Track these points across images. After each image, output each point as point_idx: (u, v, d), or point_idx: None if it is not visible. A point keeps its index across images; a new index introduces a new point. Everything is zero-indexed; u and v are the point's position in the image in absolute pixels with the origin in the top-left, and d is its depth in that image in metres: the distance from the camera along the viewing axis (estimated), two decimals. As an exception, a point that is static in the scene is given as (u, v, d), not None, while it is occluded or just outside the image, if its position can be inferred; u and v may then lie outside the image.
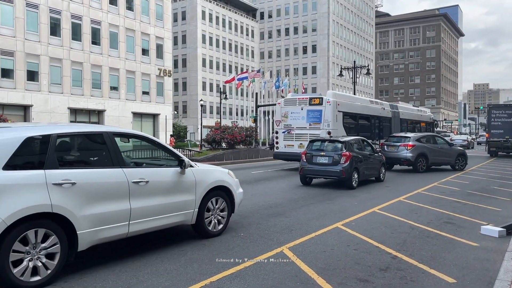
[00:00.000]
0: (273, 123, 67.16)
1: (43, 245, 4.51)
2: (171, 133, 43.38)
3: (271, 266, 5.25)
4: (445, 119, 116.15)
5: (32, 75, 36.69)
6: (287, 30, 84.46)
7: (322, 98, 18.71)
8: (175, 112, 64.91)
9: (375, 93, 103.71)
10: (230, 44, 77.66)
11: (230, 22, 77.74)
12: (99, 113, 42.54)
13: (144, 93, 47.00)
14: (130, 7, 45.19)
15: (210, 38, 73.05)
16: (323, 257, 5.67)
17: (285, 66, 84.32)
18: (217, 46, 74.58)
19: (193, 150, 26.61)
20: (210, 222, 6.68)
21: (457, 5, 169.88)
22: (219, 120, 59.34)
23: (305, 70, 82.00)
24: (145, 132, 39.07)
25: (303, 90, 66.38)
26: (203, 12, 71.81)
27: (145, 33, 46.79)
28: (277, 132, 19.86)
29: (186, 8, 71.48)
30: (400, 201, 10.41)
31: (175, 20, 69.82)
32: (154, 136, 47.91)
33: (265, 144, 48.17)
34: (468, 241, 6.56)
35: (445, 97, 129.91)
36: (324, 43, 79.71)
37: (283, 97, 42.33)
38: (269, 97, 69.04)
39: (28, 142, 4.67)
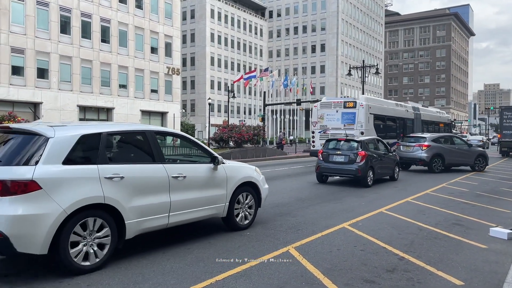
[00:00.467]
0: (280, 122, 67.12)
1: (97, 234, 4.99)
2: None
3: (277, 266, 5.23)
4: (455, 119, 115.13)
5: (42, 73, 37.01)
6: (296, 28, 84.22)
7: (356, 101, 20.78)
8: (183, 111, 65.07)
9: (384, 92, 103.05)
10: (238, 43, 77.67)
11: (238, 21, 77.73)
12: (108, 110, 42.79)
13: (153, 91, 47.18)
14: (139, 6, 45.36)
15: (219, 37, 73.11)
16: (329, 257, 5.64)
17: (294, 65, 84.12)
18: (226, 44, 74.62)
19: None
20: (239, 215, 7.09)
21: (468, 5, 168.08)
22: (227, 118, 59.40)
23: (313, 69, 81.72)
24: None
25: (311, 90, 66.24)
26: (212, 11, 71.88)
27: (154, 32, 46.95)
28: (313, 132, 21.97)
29: (195, 6, 71.60)
30: (408, 202, 10.33)
31: (184, 18, 69.97)
32: (162, 134, 48.13)
33: (273, 143, 48.11)
34: (477, 243, 6.49)
35: (455, 97, 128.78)
36: (333, 42, 79.36)
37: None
38: (277, 96, 68.99)
39: (83, 139, 5.11)
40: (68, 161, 4.86)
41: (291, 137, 46.52)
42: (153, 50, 47.07)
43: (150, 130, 5.97)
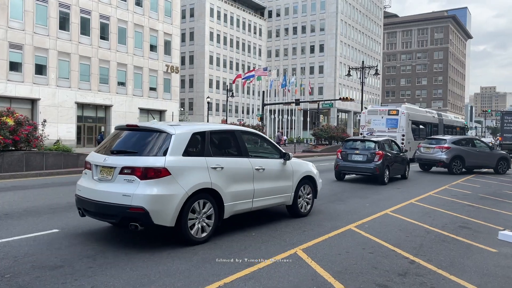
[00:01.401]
0: (279, 121, 67.04)
1: (205, 213, 6.14)
2: None
3: (286, 268, 5.10)
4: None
5: (40, 69, 36.76)
6: (295, 29, 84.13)
7: (398, 110, 25.13)
8: (182, 109, 64.86)
9: (381, 94, 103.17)
10: (237, 42, 77.50)
11: (238, 20, 77.55)
12: (106, 108, 42.57)
13: (151, 89, 46.99)
14: (139, 3, 45.15)
15: (218, 36, 72.91)
16: (339, 260, 5.51)
17: (292, 65, 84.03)
18: (225, 43, 74.43)
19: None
20: (301, 204, 8.23)
21: (466, 7, 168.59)
22: (225, 118, 59.23)
23: (312, 70, 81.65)
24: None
25: (310, 90, 66.18)
26: (211, 10, 71.67)
27: (153, 29, 46.75)
28: (361, 134, 25.76)
29: (195, 5, 71.36)
30: (412, 204, 10.23)
31: (183, 17, 69.73)
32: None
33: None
34: (486, 247, 6.38)
35: (451, 100, 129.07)
36: (331, 43, 79.31)
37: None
38: (275, 96, 68.90)
39: (194, 136, 6.23)
40: (185, 153, 5.98)
41: (285, 138, 46.08)
42: (152, 48, 46.88)
43: (238, 130, 7.17)
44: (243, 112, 76.68)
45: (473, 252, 6.10)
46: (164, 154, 5.74)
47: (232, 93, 54.34)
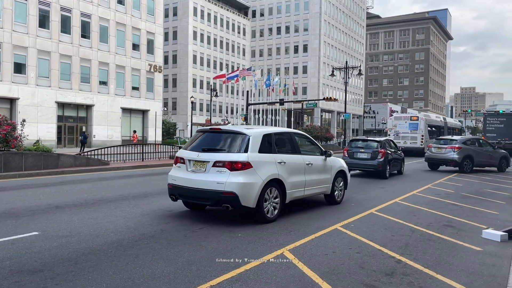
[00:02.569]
0: (263, 121, 67.03)
1: (274, 199, 7.71)
2: (134, 130, 41.82)
3: (273, 270, 5.03)
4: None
5: (19, 68, 35.94)
6: (278, 29, 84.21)
7: (418, 116, 33.34)
8: (165, 109, 64.26)
9: (364, 94, 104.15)
10: (221, 42, 77.22)
11: (221, 20, 77.28)
12: (88, 107, 41.89)
13: (134, 88, 46.42)
14: (121, 1, 44.56)
15: (201, 35, 72.51)
16: (326, 260, 5.47)
17: (276, 65, 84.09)
18: (208, 43, 74.07)
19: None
20: (337, 194, 9.88)
21: (446, 9, 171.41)
22: (209, 117, 58.92)
23: (296, 70, 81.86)
24: (134, 128, 38.34)
25: (294, 90, 66.36)
26: (195, 9, 71.24)
27: (136, 28, 46.20)
28: (389, 135, 33.12)
29: (178, 4, 70.83)
30: (397, 203, 10.29)
31: (166, 15, 69.12)
32: (143, 132, 47.37)
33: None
34: (471, 245, 6.43)
35: (433, 100, 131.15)
36: (315, 43, 79.65)
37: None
38: (259, 96, 68.86)
39: (264, 137, 7.80)
40: (259, 150, 7.52)
41: None
42: (135, 46, 46.32)
43: (292, 132, 9.03)
44: (227, 112, 76.44)
45: (458, 251, 6.13)
46: (245, 151, 7.32)
47: (216, 93, 54.08)
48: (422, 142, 31.58)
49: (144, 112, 47.79)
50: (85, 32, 41.09)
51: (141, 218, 7.79)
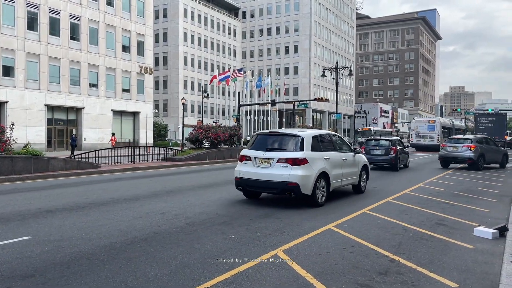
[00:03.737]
0: (254, 122, 67.02)
1: (321, 185, 9.49)
2: (113, 132, 39.59)
3: (267, 271, 5.02)
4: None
5: (7, 71, 35.54)
6: (269, 30, 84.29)
7: (435, 120, 42.86)
8: (156, 111, 63.97)
9: (355, 94, 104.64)
10: (212, 43, 77.09)
11: (212, 21, 77.16)
12: (78, 110, 41.54)
13: (124, 90, 46.13)
14: (110, 3, 44.27)
15: (192, 36, 72.33)
16: (320, 260, 5.47)
17: (267, 66, 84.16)
18: (199, 44, 73.92)
19: (175, 149, 26.12)
20: (363, 185, 11.91)
21: (435, 9, 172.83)
22: (200, 119, 58.77)
23: (287, 70, 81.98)
24: (125, 130, 38.11)
25: (285, 91, 66.42)
26: (185, 10, 71.06)
27: (125, 30, 45.93)
28: (410, 135, 41.57)
29: (168, 5, 70.59)
30: (389, 202, 10.33)
31: (156, 17, 68.85)
32: (134, 134, 47.11)
33: (247, 143, 47.79)
34: (463, 243, 6.47)
35: (422, 99, 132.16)
36: (306, 44, 79.86)
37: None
38: (251, 97, 68.81)
39: (313, 138, 9.66)
40: (311, 149, 9.34)
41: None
42: (125, 48, 46.05)
43: (331, 133, 11.12)
44: (218, 113, 76.33)
45: (451, 249, 6.17)
46: (301, 150, 9.15)
47: (208, 94, 53.95)
48: (438, 140, 40.03)
49: (135, 114, 47.52)
50: (74, 34, 40.76)
51: (134, 221, 7.73)
